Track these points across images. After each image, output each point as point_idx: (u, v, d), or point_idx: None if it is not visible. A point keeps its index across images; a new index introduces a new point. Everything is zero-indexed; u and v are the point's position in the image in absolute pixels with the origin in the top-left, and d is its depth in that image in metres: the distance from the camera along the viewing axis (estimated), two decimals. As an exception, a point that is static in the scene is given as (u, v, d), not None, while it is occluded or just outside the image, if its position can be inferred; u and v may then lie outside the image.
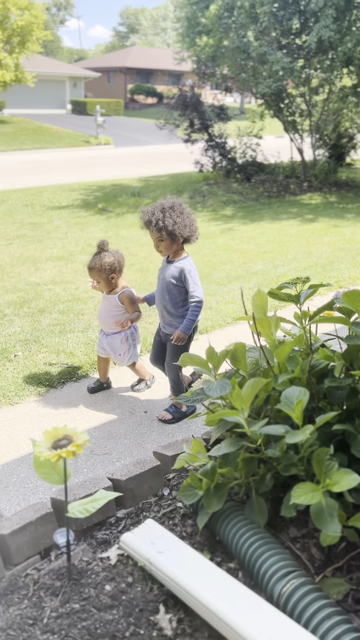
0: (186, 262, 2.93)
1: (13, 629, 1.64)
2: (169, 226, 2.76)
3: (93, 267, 3.11)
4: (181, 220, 2.79)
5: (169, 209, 2.79)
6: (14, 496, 2.44)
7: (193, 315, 2.89)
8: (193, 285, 2.89)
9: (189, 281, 2.89)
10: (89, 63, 44.94)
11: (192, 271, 2.91)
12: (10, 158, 18.75)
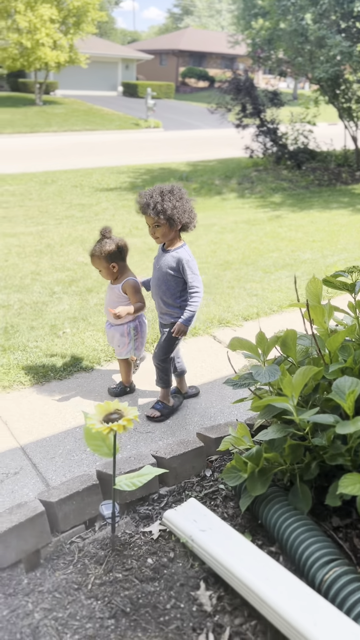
0: (183, 252, 2.74)
1: (59, 592, 1.71)
2: (168, 210, 2.59)
3: (93, 254, 2.95)
4: (180, 205, 2.62)
5: (168, 192, 2.62)
6: (59, 467, 2.52)
7: (193, 307, 2.74)
8: (192, 276, 2.71)
9: (187, 271, 2.70)
10: (141, 45, 44.78)
11: (190, 261, 2.72)
12: (61, 139, 18.98)
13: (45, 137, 18.91)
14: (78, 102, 27.51)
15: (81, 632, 1.56)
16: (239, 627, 1.56)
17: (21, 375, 3.23)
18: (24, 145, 16.95)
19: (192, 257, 2.75)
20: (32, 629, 1.58)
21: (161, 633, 1.55)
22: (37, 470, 2.50)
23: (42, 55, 22.47)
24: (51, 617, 1.62)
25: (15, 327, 3.91)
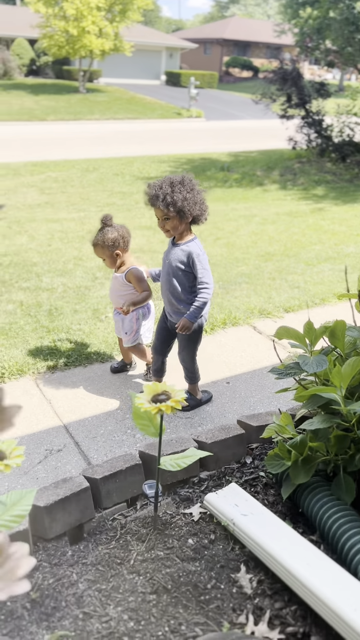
0: (194, 245, 2.62)
1: (102, 565, 1.75)
2: (178, 202, 2.47)
3: (96, 243, 2.89)
4: (191, 196, 2.50)
5: (178, 183, 2.51)
6: (101, 447, 2.57)
7: (201, 303, 2.62)
8: (202, 271, 2.60)
9: (198, 266, 2.59)
10: (186, 34, 44.50)
11: (201, 255, 2.61)
12: (103, 127, 19.11)
13: (88, 125, 19.06)
14: (121, 91, 27.59)
15: (124, 604, 1.60)
16: (279, 611, 1.57)
17: (65, 357, 3.30)
18: (66, 132, 17.13)
19: (203, 251, 2.65)
20: (76, 597, 1.63)
21: (202, 611, 1.58)
22: (80, 449, 2.56)
23: (87, 43, 22.60)
24: (95, 588, 1.67)
25: (59, 309, 3.99)
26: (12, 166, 11.54)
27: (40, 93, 24.19)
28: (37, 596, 1.63)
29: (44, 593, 1.65)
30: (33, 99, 22.83)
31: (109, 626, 1.53)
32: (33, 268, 5.06)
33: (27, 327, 3.69)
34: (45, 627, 1.54)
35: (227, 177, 10.98)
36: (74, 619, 1.56)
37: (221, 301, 4.24)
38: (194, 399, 2.93)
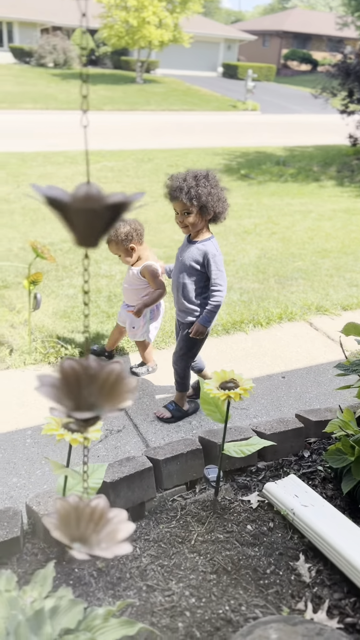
0: (210, 245, 2.49)
1: (164, 542, 1.82)
2: (202, 196, 2.35)
3: (109, 240, 2.81)
4: (215, 192, 2.39)
5: (203, 177, 2.39)
6: (158, 430, 2.64)
7: (213, 306, 2.50)
8: (216, 272, 2.47)
9: (212, 266, 2.47)
10: (245, 25, 44.00)
11: (217, 255, 2.48)
12: (158, 118, 19.20)
13: (143, 116, 19.19)
14: (177, 82, 27.60)
15: (185, 581, 1.66)
16: (338, 602, 1.60)
17: (122, 342, 3.39)
18: (122, 122, 17.30)
19: (219, 252, 2.52)
20: (140, 570, 1.70)
21: (261, 594, 1.62)
22: (138, 431, 2.64)
23: (146, 33, 22.69)
24: (157, 563, 1.73)
25: (118, 296, 4.08)
26: (70, 154, 11.77)
27: (98, 83, 24.48)
28: (103, 566, 1.71)
29: (110, 564, 1.72)
30: (91, 88, 23.12)
31: (171, 600, 1.59)
32: (91, 255, 5.17)
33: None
34: (111, 595, 1.62)
35: (282, 171, 10.86)
36: (138, 590, 1.63)
37: (277, 296, 4.23)
38: (180, 410, 2.76)
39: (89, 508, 0.92)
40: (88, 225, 0.68)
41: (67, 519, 0.91)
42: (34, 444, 2.51)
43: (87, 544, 0.91)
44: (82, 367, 0.82)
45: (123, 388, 0.81)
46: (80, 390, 0.81)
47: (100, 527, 0.92)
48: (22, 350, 3.22)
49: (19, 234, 5.94)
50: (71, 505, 0.93)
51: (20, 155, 11.25)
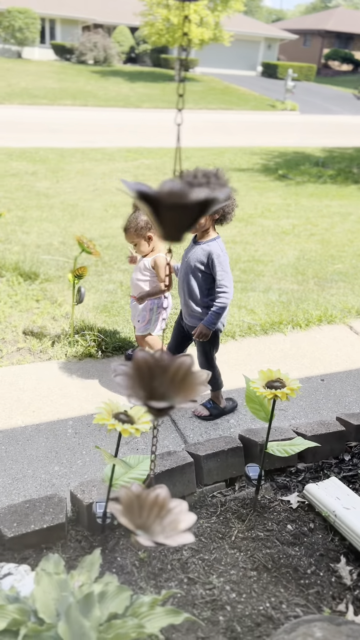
0: (215, 245, 2.43)
1: (204, 537, 1.84)
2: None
3: (127, 227, 2.76)
4: None
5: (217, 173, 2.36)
6: (196, 427, 2.66)
7: (218, 308, 2.43)
8: (221, 273, 2.41)
9: (217, 267, 2.40)
10: (286, 24, 43.56)
11: (222, 256, 2.42)
12: (196, 116, 19.21)
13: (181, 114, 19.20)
14: (215, 81, 27.54)
15: (226, 576, 1.68)
16: (380, 606, 1.59)
17: (166, 337, 3.42)
18: (160, 120, 17.37)
19: (225, 252, 2.46)
20: (181, 563, 1.73)
21: (301, 594, 1.63)
22: (177, 427, 2.66)
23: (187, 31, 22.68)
24: (198, 557, 1.75)
25: (156, 292, 4.12)
26: (107, 151, 11.89)
27: (137, 80, 24.63)
28: (145, 556, 1.74)
29: (151, 554, 1.75)
30: (129, 86, 23.29)
31: (212, 594, 1.61)
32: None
33: (127, 307, 3.84)
34: (153, 584, 1.65)
35: (321, 172, 10.74)
36: (179, 582, 1.66)
37: (317, 298, 4.20)
38: (217, 408, 2.75)
39: (151, 497, 0.95)
40: (177, 220, 0.70)
41: (131, 507, 0.94)
42: (74, 434, 2.56)
43: (148, 532, 0.93)
44: (154, 359, 0.84)
45: (194, 380, 0.83)
46: (152, 380, 0.83)
47: (161, 516, 0.94)
48: (63, 342, 3.29)
49: (59, 229, 6.04)
50: (134, 494, 0.95)
51: (59, 151, 11.42)
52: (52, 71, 24.81)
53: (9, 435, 2.52)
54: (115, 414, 1.58)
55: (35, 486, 2.21)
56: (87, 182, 9.01)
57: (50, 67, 25.95)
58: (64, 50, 28.22)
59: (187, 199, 0.68)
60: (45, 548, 1.75)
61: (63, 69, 25.84)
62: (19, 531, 1.73)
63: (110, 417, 1.56)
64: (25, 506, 1.83)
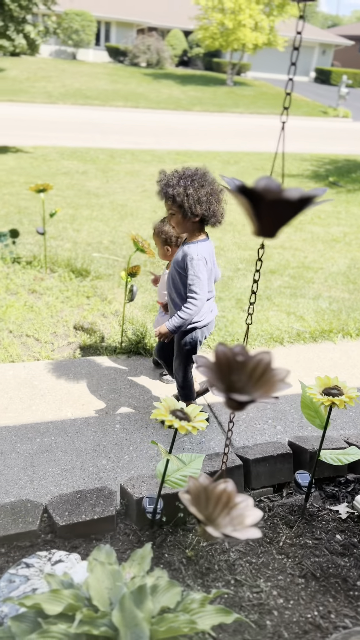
0: (193, 247, 2.30)
1: (252, 540, 1.83)
2: (177, 197, 2.20)
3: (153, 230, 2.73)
4: (195, 193, 2.19)
5: (187, 177, 2.23)
6: (242, 431, 2.66)
7: (185, 313, 2.33)
8: (192, 277, 2.30)
9: (189, 271, 2.30)
10: (342, 30, 42.97)
11: (196, 260, 2.28)
12: (246, 121, 19.18)
13: (231, 118, 19.22)
14: (267, 85, 27.42)
15: (273, 581, 1.67)
16: None
17: (209, 339, 3.43)
18: (210, 123, 17.42)
19: (202, 257, 2.31)
20: (228, 564, 1.73)
21: (350, 605, 1.60)
22: (222, 429, 2.66)
23: (241, 36, 22.69)
24: (245, 560, 1.75)
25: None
26: (157, 153, 12.00)
27: (188, 84, 24.77)
28: (192, 555, 1.75)
29: (199, 554, 1.76)
30: (181, 89, 23.45)
31: (259, 597, 1.61)
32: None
33: (175, 307, 3.87)
34: (200, 583, 1.65)
35: (373, 181, 10.54)
36: (226, 583, 1.66)
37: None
38: None
39: (218, 490, 0.96)
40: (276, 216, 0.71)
41: (198, 498, 0.95)
42: (122, 429, 2.60)
43: (214, 524, 0.94)
44: (233, 353, 0.85)
45: (273, 377, 0.83)
46: (230, 374, 0.84)
47: (228, 509, 0.95)
48: (113, 339, 3.34)
49: (109, 228, 6.14)
50: (202, 485, 0.96)
51: (109, 152, 11.61)
52: (105, 73, 25.24)
53: (58, 426, 2.58)
54: (172, 411, 1.59)
55: (84, 478, 2.25)
56: (136, 182, 9.12)
57: (104, 68, 26.41)
58: (118, 52, 28.67)
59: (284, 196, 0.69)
60: (94, 539, 1.78)
61: (116, 70, 26.25)
62: (71, 520, 1.77)
63: (167, 413, 1.58)
64: (77, 496, 1.86)
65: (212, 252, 2.41)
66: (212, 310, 2.54)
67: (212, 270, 2.42)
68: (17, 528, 1.73)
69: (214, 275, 2.48)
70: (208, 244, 2.37)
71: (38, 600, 1.27)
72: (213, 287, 2.52)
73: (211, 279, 2.44)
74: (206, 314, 2.48)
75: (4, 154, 10.64)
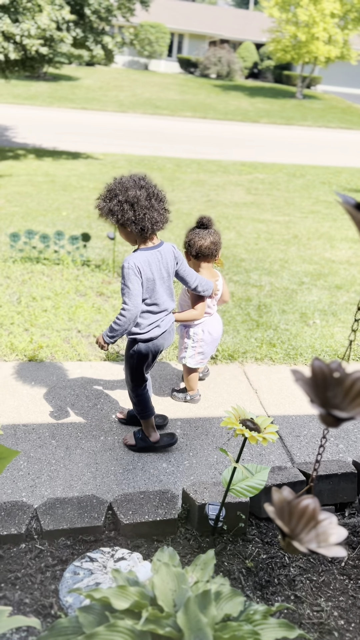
0: (129, 257, 2.21)
1: (313, 558, 1.81)
2: (104, 209, 2.17)
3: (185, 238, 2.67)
4: (116, 203, 2.13)
5: (114, 187, 2.17)
6: (304, 447, 2.63)
7: (115, 323, 2.23)
8: (122, 286, 2.22)
9: (121, 280, 2.23)
10: None
11: (127, 269, 2.17)
12: (314, 134, 18.97)
13: (299, 131, 19.06)
14: (337, 99, 27.02)
15: (334, 601, 1.64)
16: None
17: (272, 352, 3.41)
18: (277, 136, 17.35)
19: (136, 267, 2.18)
20: (288, 579, 1.71)
21: None
22: (283, 443, 2.64)
23: (314, 49, 22.51)
24: (305, 576, 1.73)
25: (267, 307, 4.12)
26: (223, 164, 12.07)
27: (257, 96, 24.79)
28: (252, 566, 1.75)
29: (258, 566, 1.76)
30: (249, 100, 23.50)
31: (320, 616, 1.58)
32: (241, 263, 5.27)
33: (238, 317, 3.88)
34: (259, 595, 1.65)
35: None
36: (286, 598, 1.64)
37: None
38: (145, 440, 2.45)
39: (302, 506, 0.96)
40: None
41: (282, 511, 0.96)
42: (183, 435, 2.62)
43: (296, 539, 0.95)
44: (330, 369, 0.86)
45: (369, 396, 0.83)
46: (326, 390, 0.84)
47: (311, 526, 0.95)
48: (175, 345, 3.38)
49: (174, 236, 6.22)
50: (286, 499, 0.97)
51: (176, 161, 11.78)
52: (175, 83, 25.66)
53: (122, 426, 2.63)
54: (242, 420, 1.60)
55: (144, 479, 2.29)
56: (201, 192, 9.21)
57: (174, 79, 26.85)
58: (189, 63, 29.08)
59: None
60: (155, 540, 1.81)
61: (186, 81, 26.63)
62: (134, 519, 1.80)
63: (237, 422, 1.59)
64: (140, 497, 1.90)
65: (160, 262, 2.26)
66: (160, 325, 2.34)
67: (154, 281, 2.25)
68: (82, 522, 1.78)
69: (162, 287, 2.29)
70: (150, 253, 2.23)
71: (107, 595, 1.31)
72: (166, 300, 2.34)
73: (156, 290, 2.27)
74: (151, 328, 2.32)
75: (76, 159, 11.01)
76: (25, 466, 2.29)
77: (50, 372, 3.01)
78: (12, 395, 2.79)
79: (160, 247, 2.28)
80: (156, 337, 2.34)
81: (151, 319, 2.31)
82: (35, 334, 3.37)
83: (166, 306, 2.34)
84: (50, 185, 8.54)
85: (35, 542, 1.74)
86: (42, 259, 4.53)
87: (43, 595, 1.58)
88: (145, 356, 2.35)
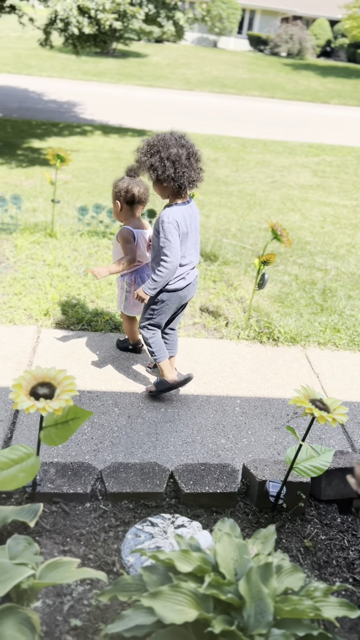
0: (167, 212, 2.32)
1: None
2: (144, 164, 2.26)
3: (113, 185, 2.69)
4: (160, 160, 2.22)
5: (154, 143, 2.24)
6: (364, 435, 2.58)
7: (157, 276, 2.33)
8: (164, 240, 2.29)
9: (161, 234, 2.30)
10: None
11: (168, 223, 2.28)
12: (386, 116, 18.20)
13: (371, 113, 18.27)
14: None
15: (394, 589, 1.61)
16: None
17: (336, 337, 3.34)
18: (348, 117, 16.72)
19: (175, 221, 2.29)
20: (347, 562, 1.70)
21: None
22: (344, 429, 2.60)
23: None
24: (365, 561, 1.71)
25: (332, 291, 4.03)
26: (289, 145, 11.78)
27: (329, 75, 23.91)
28: (310, 545, 1.75)
29: (317, 546, 1.75)
30: (320, 80, 22.71)
31: (379, 601, 1.57)
32: (306, 246, 5.17)
33: (302, 300, 3.81)
34: (317, 575, 1.65)
35: None
36: (344, 580, 1.64)
37: None
38: (164, 383, 2.60)
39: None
40: None
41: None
42: (242, 413, 2.63)
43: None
44: None
45: None
46: None
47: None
48: (237, 325, 3.37)
49: (237, 216, 6.17)
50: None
51: (241, 140, 11.59)
52: (244, 61, 25.12)
53: (181, 400, 2.67)
54: (311, 400, 1.59)
55: (203, 453, 2.32)
56: (265, 173, 9.05)
57: (243, 57, 26.29)
58: (259, 41, 28.36)
59: None
60: (215, 511, 1.84)
61: (255, 59, 26.02)
62: (195, 490, 1.83)
63: (306, 401, 1.58)
64: (201, 468, 1.93)
65: (192, 217, 2.39)
66: (185, 277, 2.45)
67: (187, 235, 2.37)
68: (145, 487, 1.83)
69: (191, 241, 2.42)
70: (184, 208, 2.35)
71: (171, 557, 1.34)
72: (193, 254, 2.45)
73: (187, 244, 2.39)
74: (177, 280, 2.43)
75: (142, 136, 11.04)
76: (89, 431, 2.37)
77: (114, 343, 3.08)
78: (77, 363, 2.87)
79: (191, 203, 2.42)
80: (181, 288, 2.46)
81: (178, 271, 2.41)
82: (101, 306, 3.45)
83: (192, 259, 2.46)
84: (115, 162, 8.62)
85: (99, 503, 1.80)
86: (108, 234, 4.61)
87: (106, 553, 1.64)
88: (168, 306, 2.48)
